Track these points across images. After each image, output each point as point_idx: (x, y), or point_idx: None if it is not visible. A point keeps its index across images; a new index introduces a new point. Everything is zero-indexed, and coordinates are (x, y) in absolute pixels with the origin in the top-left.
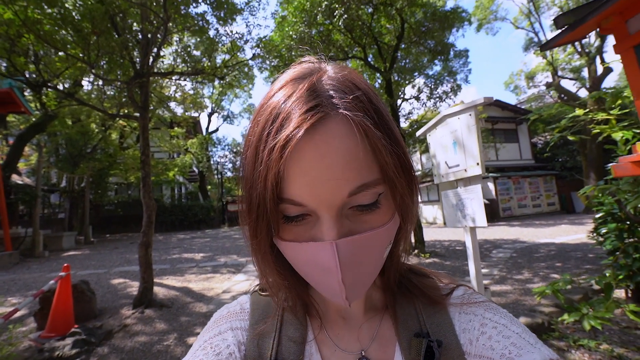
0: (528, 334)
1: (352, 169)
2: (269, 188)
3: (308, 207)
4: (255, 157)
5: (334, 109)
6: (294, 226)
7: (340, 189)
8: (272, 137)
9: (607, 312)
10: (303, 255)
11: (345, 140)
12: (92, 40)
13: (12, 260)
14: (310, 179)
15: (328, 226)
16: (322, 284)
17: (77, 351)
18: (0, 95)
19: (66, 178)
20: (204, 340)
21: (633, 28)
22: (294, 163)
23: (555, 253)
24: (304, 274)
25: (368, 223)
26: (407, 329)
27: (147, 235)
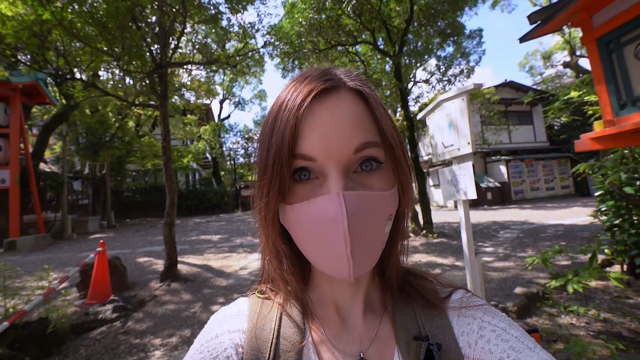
0: (527, 338)
1: (358, 128)
2: (286, 142)
3: (318, 162)
4: (275, 122)
5: (344, 84)
6: (303, 186)
7: (347, 144)
8: (290, 103)
9: (589, 277)
10: (310, 213)
11: (352, 106)
12: (117, 35)
13: (45, 242)
14: (322, 134)
15: (335, 181)
16: (327, 248)
17: (117, 315)
18: (27, 88)
19: (88, 165)
20: (201, 343)
21: (596, 22)
22: (308, 120)
23: (562, 233)
24: (308, 241)
25: (371, 187)
26: (406, 332)
27: (170, 216)
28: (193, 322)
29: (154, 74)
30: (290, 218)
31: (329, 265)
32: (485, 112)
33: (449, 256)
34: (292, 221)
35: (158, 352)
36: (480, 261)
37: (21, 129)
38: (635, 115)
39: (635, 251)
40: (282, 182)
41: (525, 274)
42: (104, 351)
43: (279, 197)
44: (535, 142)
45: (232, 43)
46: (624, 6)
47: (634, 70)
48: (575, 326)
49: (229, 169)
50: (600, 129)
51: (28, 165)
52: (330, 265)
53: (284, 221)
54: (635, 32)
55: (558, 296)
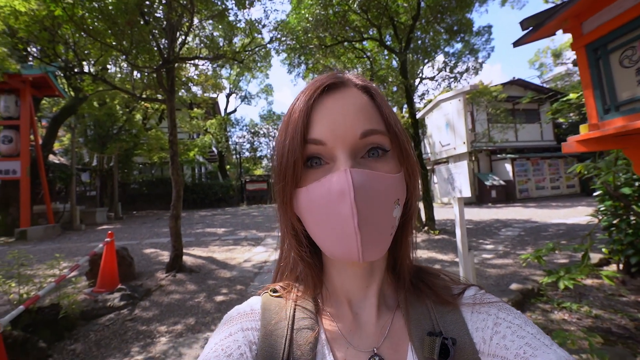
0: (543, 336)
1: (363, 116)
2: (299, 130)
3: (328, 145)
4: (290, 115)
5: (351, 82)
6: (315, 171)
7: (354, 129)
8: (302, 98)
9: (580, 274)
10: (320, 191)
11: (358, 98)
12: (126, 30)
13: (55, 232)
14: (330, 120)
15: (343, 160)
16: (336, 225)
17: (124, 303)
18: (37, 80)
19: (96, 158)
20: (215, 342)
21: (586, 29)
22: (319, 110)
23: (563, 232)
24: (319, 222)
25: (377, 170)
26: (420, 328)
27: (177, 208)
28: (197, 311)
29: (162, 69)
30: (302, 201)
31: (339, 246)
32: (492, 110)
33: (450, 252)
34: (303, 204)
35: (164, 338)
36: (473, 257)
37: (31, 120)
38: (618, 120)
39: (631, 250)
40: (295, 166)
41: (522, 272)
42: (113, 336)
43: (293, 181)
44: (542, 140)
45: (239, 38)
46: (612, 14)
47: (619, 76)
48: (567, 322)
49: (235, 162)
50: (585, 132)
51: (38, 156)
52: (340, 245)
53: (297, 208)
54: (621, 40)
55: (553, 293)
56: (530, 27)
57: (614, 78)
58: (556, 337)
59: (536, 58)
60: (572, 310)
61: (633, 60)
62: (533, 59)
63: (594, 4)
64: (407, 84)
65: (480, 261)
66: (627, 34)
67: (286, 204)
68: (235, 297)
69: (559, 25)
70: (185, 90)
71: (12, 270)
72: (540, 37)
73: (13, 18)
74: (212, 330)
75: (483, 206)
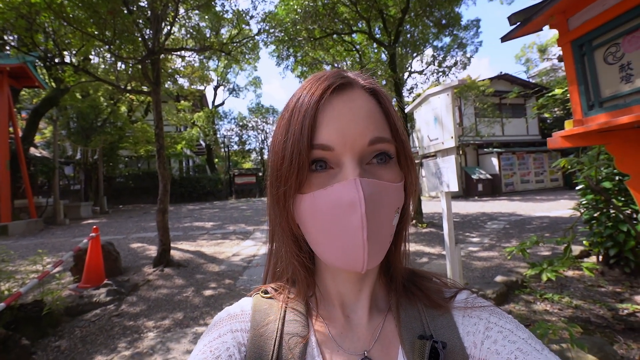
0: (534, 341)
1: (372, 122)
2: (305, 132)
3: (335, 151)
4: (292, 115)
5: (357, 82)
6: (318, 176)
7: (363, 136)
8: (308, 97)
9: (562, 266)
10: (326, 199)
11: (367, 103)
12: (108, 20)
13: (37, 227)
14: (339, 125)
15: (351, 168)
16: (342, 235)
17: (110, 298)
18: (15, 70)
19: (81, 151)
20: (203, 344)
21: (572, 25)
22: (327, 112)
23: (546, 225)
24: (321, 230)
25: (381, 178)
26: (411, 331)
27: (164, 203)
28: (186, 305)
29: (147, 60)
30: (304, 207)
31: (342, 255)
32: (479, 104)
33: (437, 246)
34: (305, 211)
35: (151, 333)
36: (460, 250)
37: (10, 112)
38: (601, 116)
39: (610, 243)
40: (300, 170)
41: (507, 264)
42: (99, 332)
43: (296, 186)
44: (527, 135)
45: (226, 29)
46: (597, 11)
47: (603, 73)
48: (549, 312)
49: (223, 156)
50: (569, 128)
51: (18, 149)
52: (343, 254)
53: (297, 214)
54: (605, 37)
55: (536, 284)
56: (518, 22)
57: (598, 74)
58: (538, 328)
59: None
60: (554, 301)
61: (617, 57)
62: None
63: (580, 0)
64: (396, 78)
65: (467, 254)
66: (611, 31)
67: (286, 209)
68: (224, 292)
69: (545, 20)
70: (171, 82)
71: None
72: (528, 33)
73: None
74: (200, 325)
75: (470, 199)
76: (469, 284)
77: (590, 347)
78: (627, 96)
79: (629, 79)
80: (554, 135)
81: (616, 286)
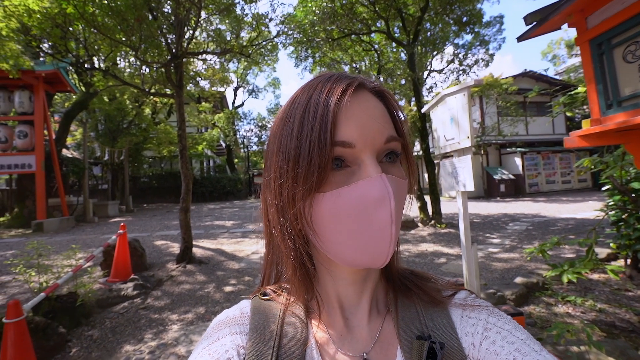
0: (532, 341)
1: (386, 122)
2: (327, 130)
3: (356, 148)
4: (305, 113)
5: (367, 87)
6: (337, 174)
7: (381, 133)
8: (324, 96)
9: (583, 268)
10: (351, 196)
11: (378, 103)
12: (135, 27)
13: (69, 225)
14: (359, 123)
15: (373, 165)
16: (367, 232)
17: (137, 292)
18: (49, 76)
19: (108, 152)
20: (202, 347)
21: (591, 24)
22: (346, 111)
23: (572, 227)
24: (343, 229)
25: (395, 174)
26: (409, 331)
27: (186, 201)
28: (207, 300)
29: (171, 64)
30: (324, 206)
31: (364, 252)
32: (502, 102)
33: (455, 246)
34: (325, 209)
35: (175, 326)
36: (477, 250)
37: (45, 116)
38: (620, 115)
39: (639, 246)
40: (322, 168)
41: (528, 265)
42: (127, 324)
43: (317, 185)
44: (553, 134)
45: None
46: (616, 9)
47: (622, 72)
48: (571, 315)
49: (243, 156)
50: (587, 127)
51: (52, 150)
52: (365, 251)
53: (313, 214)
54: (624, 35)
55: (558, 287)
56: (534, 22)
57: (617, 73)
58: (555, 327)
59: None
60: (577, 304)
61: (636, 55)
62: (546, 50)
63: None
64: (415, 77)
65: (487, 255)
66: (630, 29)
67: (303, 209)
68: (244, 288)
69: (563, 19)
70: (193, 85)
71: (31, 261)
72: (545, 32)
73: (27, 16)
74: None
75: (491, 200)
76: (487, 284)
77: (611, 350)
78: None
79: None
80: (571, 134)
81: None
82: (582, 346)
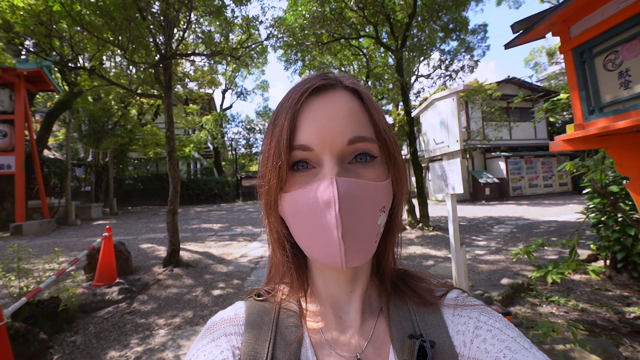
0: (523, 339)
1: (352, 122)
2: (285, 134)
3: (315, 151)
4: (276, 117)
5: (340, 83)
6: (300, 175)
7: (342, 135)
8: (290, 99)
9: (567, 269)
10: (305, 198)
11: (348, 102)
12: (124, 27)
13: (50, 227)
14: (318, 125)
15: (329, 167)
16: (320, 233)
17: (122, 297)
18: (31, 74)
19: (92, 153)
20: (197, 348)
21: (573, 33)
22: (306, 113)
23: (554, 229)
24: (303, 228)
25: (363, 177)
26: (401, 330)
27: (174, 204)
28: (195, 304)
29: (159, 65)
30: (287, 206)
31: (323, 253)
32: (487, 108)
33: (443, 249)
34: (288, 209)
35: (162, 331)
36: (465, 251)
37: (26, 115)
38: (601, 120)
39: (618, 247)
40: (280, 170)
41: (513, 267)
42: (112, 329)
43: (278, 186)
44: (535, 139)
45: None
46: (597, 20)
47: (603, 79)
48: (555, 315)
49: (231, 159)
50: (571, 132)
51: (33, 151)
52: (323, 252)
53: (281, 212)
54: (605, 44)
55: (542, 287)
56: (520, 30)
57: (598, 80)
58: (541, 327)
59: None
60: (560, 304)
61: (616, 64)
62: (528, 57)
63: (580, 9)
64: (403, 82)
65: (473, 257)
66: (610, 39)
67: (270, 207)
68: (232, 291)
69: (547, 29)
70: (181, 86)
71: (10, 265)
72: (530, 40)
73: (10, 12)
74: None
75: (477, 203)
76: (474, 286)
77: (594, 348)
78: (626, 102)
79: (627, 85)
80: (555, 138)
81: (623, 290)
82: (567, 344)
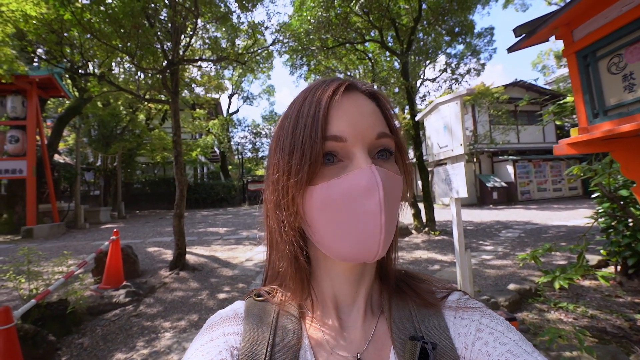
0: (525, 342)
1: (377, 119)
2: (318, 124)
3: (347, 142)
4: (300, 112)
5: (359, 89)
6: (328, 168)
7: (372, 129)
8: (318, 95)
9: (575, 274)
10: (341, 188)
11: (369, 103)
12: (132, 34)
13: (60, 231)
14: (350, 118)
15: (364, 158)
16: (358, 223)
17: (129, 299)
18: (43, 81)
19: (101, 157)
20: (195, 348)
21: (577, 37)
22: (338, 108)
23: (563, 234)
24: (333, 221)
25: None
26: (402, 332)
27: (180, 208)
28: (200, 308)
29: (167, 71)
30: (315, 199)
31: (355, 245)
32: (494, 111)
33: (449, 253)
34: (317, 202)
35: (168, 333)
36: (470, 256)
37: (37, 121)
38: (605, 124)
39: (628, 252)
40: (312, 162)
41: (521, 272)
42: (119, 331)
43: (308, 177)
44: (544, 142)
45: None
46: (600, 23)
47: (607, 82)
48: (563, 321)
49: (237, 163)
50: (575, 135)
51: (44, 156)
52: (356, 244)
53: (305, 206)
54: (608, 47)
55: (550, 293)
56: (523, 34)
57: (602, 84)
58: (547, 333)
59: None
60: (569, 310)
61: (620, 67)
62: (536, 60)
63: (583, 13)
64: (409, 86)
65: (480, 262)
66: (614, 42)
67: (295, 203)
68: (238, 295)
69: (550, 32)
70: (188, 91)
71: (21, 267)
72: (534, 44)
73: (23, 21)
74: None
75: (484, 207)
76: (481, 291)
77: (603, 355)
78: (630, 105)
79: (631, 88)
80: (560, 142)
81: (635, 297)
82: (575, 351)
